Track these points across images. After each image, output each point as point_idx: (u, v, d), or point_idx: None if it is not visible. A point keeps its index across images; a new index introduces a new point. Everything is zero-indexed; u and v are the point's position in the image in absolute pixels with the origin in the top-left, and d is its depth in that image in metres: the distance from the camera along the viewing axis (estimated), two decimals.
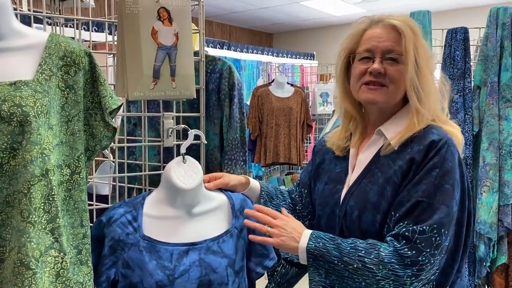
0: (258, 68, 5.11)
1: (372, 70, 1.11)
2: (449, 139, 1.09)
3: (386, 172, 1.11)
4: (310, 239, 1.10)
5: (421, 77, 1.10)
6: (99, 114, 1.09)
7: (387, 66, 1.11)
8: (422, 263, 1.02)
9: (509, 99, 2.24)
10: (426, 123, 1.12)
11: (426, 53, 1.13)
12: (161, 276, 1.10)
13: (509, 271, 2.29)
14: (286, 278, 1.35)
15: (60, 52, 1.02)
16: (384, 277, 1.02)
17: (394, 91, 1.13)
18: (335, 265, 1.06)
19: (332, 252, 1.07)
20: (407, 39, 1.09)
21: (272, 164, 4.10)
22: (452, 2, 6.48)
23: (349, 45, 1.20)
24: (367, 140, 1.22)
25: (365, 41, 1.15)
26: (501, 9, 2.27)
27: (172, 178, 1.17)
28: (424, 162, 1.06)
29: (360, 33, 1.18)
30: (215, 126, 1.74)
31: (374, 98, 1.13)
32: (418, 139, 1.10)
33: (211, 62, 1.72)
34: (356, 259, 1.04)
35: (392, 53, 1.11)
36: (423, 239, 1.02)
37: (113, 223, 1.14)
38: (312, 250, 1.08)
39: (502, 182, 2.22)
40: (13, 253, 0.90)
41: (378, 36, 1.13)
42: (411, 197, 1.05)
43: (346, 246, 1.07)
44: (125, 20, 1.28)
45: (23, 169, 0.91)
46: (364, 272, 1.03)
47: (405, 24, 1.12)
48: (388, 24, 1.13)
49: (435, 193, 1.04)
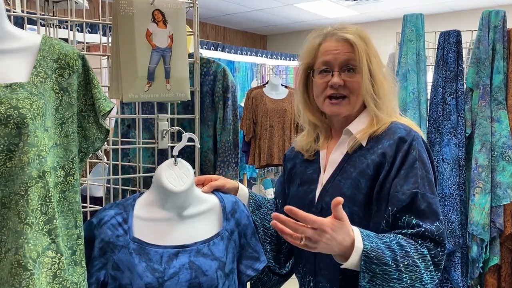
0: (252, 70, 5.11)
1: (332, 84, 1.19)
2: (415, 132, 1.17)
3: (359, 167, 1.16)
4: (363, 239, 1.00)
5: (376, 84, 1.18)
6: (92, 116, 1.09)
7: (345, 78, 1.19)
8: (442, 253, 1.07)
9: (501, 101, 2.26)
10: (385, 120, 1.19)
11: (378, 59, 1.21)
12: (150, 278, 1.10)
13: (502, 272, 2.31)
14: (267, 286, 1.37)
15: (54, 54, 1.02)
16: (425, 269, 1.03)
17: (355, 100, 1.21)
18: (388, 267, 0.99)
19: (386, 251, 1.00)
20: (360, 51, 1.17)
21: (266, 166, 4.11)
22: (444, 5, 6.53)
23: (307, 59, 1.27)
24: (334, 141, 1.27)
25: (321, 54, 1.22)
26: (493, 13, 2.30)
27: (163, 180, 1.17)
28: (400, 156, 1.12)
29: (316, 47, 1.24)
30: (209, 128, 1.74)
31: (338, 111, 1.21)
32: (386, 134, 1.17)
33: (205, 64, 1.73)
34: (405, 255, 1.02)
35: (349, 64, 1.19)
36: (440, 234, 1.07)
37: (104, 225, 1.14)
38: (369, 252, 0.98)
39: (494, 183, 2.24)
40: (10, 254, 0.90)
41: (334, 49, 1.20)
42: (404, 191, 1.09)
43: (392, 243, 1.02)
44: (120, 22, 1.28)
45: (20, 171, 0.91)
46: (413, 268, 1.02)
47: (356, 35, 1.19)
48: (341, 38, 1.20)
49: (423, 184, 1.10)
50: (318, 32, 1.26)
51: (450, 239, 2.29)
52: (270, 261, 1.33)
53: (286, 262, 1.38)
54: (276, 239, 1.35)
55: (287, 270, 1.39)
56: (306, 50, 1.27)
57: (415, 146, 1.13)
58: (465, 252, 2.33)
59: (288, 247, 1.36)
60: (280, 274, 1.37)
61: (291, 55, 6.45)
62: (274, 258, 1.34)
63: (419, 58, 2.48)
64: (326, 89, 1.20)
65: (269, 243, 1.34)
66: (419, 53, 2.48)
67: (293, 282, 1.39)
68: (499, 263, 2.28)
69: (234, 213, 1.24)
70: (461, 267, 2.33)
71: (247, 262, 1.25)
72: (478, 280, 2.36)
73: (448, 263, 2.33)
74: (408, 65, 2.45)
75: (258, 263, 1.26)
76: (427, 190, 1.09)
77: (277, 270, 1.35)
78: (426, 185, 1.10)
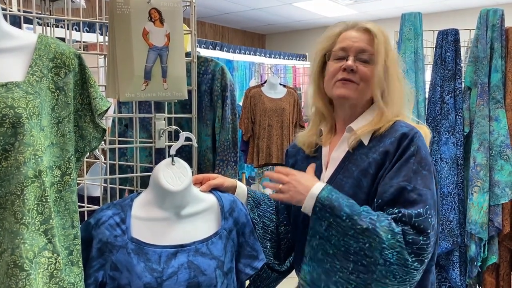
0: (250, 69, 5.11)
1: (346, 66, 1.19)
2: (417, 130, 1.17)
3: (361, 165, 1.16)
4: (323, 189, 1.10)
5: (388, 77, 1.19)
6: (88, 116, 1.09)
7: (359, 65, 1.20)
8: (424, 243, 1.04)
9: (499, 100, 2.26)
10: (390, 119, 1.19)
11: (395, 58, 1.23)
12: (149, 278, 1.10)
13: (500, 271, 2.31)
14: (266, 283, 1.36)
15: (50, 53, 1.02)
16: (390, 246, 1.02)
17: (364, 88, 1.20)
18: (341, 221, 1.05)
19: (343, 207, 1.06)
20: (379, 41, 1.19)
21: (264, 165, 4.11)
22: (443, 4, 6.53)
23: (325, 45, 1.27)
24: (337, 138, 1.27)
25: (340, 41, 1.24)
26: (491, 11, 2.30)
27: (160, 180, 1.17)
28: (399, 152, 1.12)
29: (336, 35, 1.26)
30: (207, 127, 1.74)
31: (346, 93, 1.20)
32: (389, 133, 1.17)
33: (203, 63, 1.72)
34: (367, 221, 1.04)
35: (365, 53, 1.20)
36: (421, 221, 1.04)
37: (101, 225, 1.13)
38: (323, 200, 1.08)
39: (493, 182, 2.24)
40: (6, 254, 0.90)
41: (353, 37, 1.22)
42: (392, 184, 1.09)
43: (359, 207, 1.07)
44: (116, 21, 1.27)
45: (15, 171, 0.91)
46: (372, 235, 1.02)
47: (378, 28, 1.22)
48: (362, 28, 1.22)
49: (416, 178, 1.09)
50: (341, 24, 1.28)
51: (448, 238, 2.29)
52: (270, 258, 1.33)
53: (285, 259, 1.38)
54: (275, 236, 1.35)
55: (287, 267, 1.39)
56: (326, 36, 1.28)
57: (415, 142, 1.13)
58: (463, 251, 2.34)
59: (288, 243, 1.36)
60: (280, 271, 1.36)
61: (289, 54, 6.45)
62: (274, 254, 1.34)
63: (417, 56, 2.48)
64: (338, 73, 1.21)
65: (269, 240, 1.34)
66: (417, 51, 2.48)
67: (293, 281, 1.39)
68: (498, 262, 2.28)
69: (232, 212, 1.24)
70: (459, 266, 2.33)
71: (245, 260, 1.25)
72: (476, 279, 2.36)
73: (447, 262, 2.33)
74: (406, 63, 2.45)
75: (256, 261, 1.25)
76: (419, 184, 1.08)
77: (276, 267, 1.35)
78: (419, 179, 1.09)
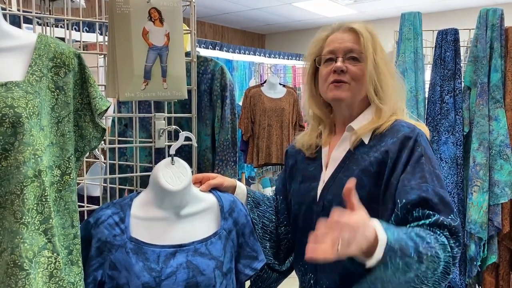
0: (250, 69, 5.11)
1: (335, 68, 1.19)
2: (419, 130, 1.17)
3: (361, 164, 1.16)
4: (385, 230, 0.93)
5: (379, 73, 1.19)
6: (88, 115, 1.09)
7: (348, 65, 1.20)
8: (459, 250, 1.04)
9: (498, 99, 2.26)
10: (388, 117, 1.19)
11: (384, 55, 1.23)
12: (147, 278, 1.10)
13: (499, 270, 2.32)
14: (267, 283, 1.36)
15: (50, 53, 1.02)
16: (444, 260, 1.00)
17: (356, 87, 1.20)
18: (410, 258, 0.93)
19: (408, 242, 0.94)
20: (365, 39, 1.19)
21: (264, 165, 4.11)
22: (442, 4, 6.53)
23: (314, 50, 1.29)
24: (337, 138, 1.26)
25: (327, 44, 1.25)
26: (490, 11, 2.30)
27: (160, 179, 1.17)
28: (406, 153, 1.11)
29: (323, 39, 1.27)
30: (207, 127, 1.74)
31: (340, 95, 1.20)
32: (390, 132, 1.16)
33: (203, 63, 1.72)
34: (426, 246, 0.96)
35: (353, 53, 1.20)
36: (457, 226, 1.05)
37: (101, 225, 1.13)
38: (393, 244, 0.91)
39: (492, 182, 2.24)
40: (6, 254, 0.90)
41: (339, 39, 1.23)
42: (411, 185, 1.07)
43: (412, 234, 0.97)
44: (116, 21, 1.27)
45: (15, 170, 0.91)
46: (434, 258, 0.96)
47: (363, 26, 1.22)
48: (348, 28, 1.23)
49: (432, 178, 1.09)
50: (327, 27, 1.29)
51: None
52: (270, 258, 1.32)
53: (285, 259, 1.38)
54: (275, 236, 1.35)
55: (287, 267, 1.39)
56: (313, 41, 1.29)
57: (420, 142, 1.12)
58: (463, 251, 2.33)
59: (288, 244, 1.36)
60: (280, 271, 1.36)
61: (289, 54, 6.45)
62: (273, 255, 1.34)
63: (417, 56, 2.48)
64: (329, 76, 1.22)
65: (268, 240, 1.34)
66: (417, 51, 2.48)
67: (293, 280, 1.39)
68: (497, 262, 2.29)
69: (232, 212, 1.24)
70: (459, 266, 2.33)
71: (245, 261, 1.25)
72: (476, 278, 2.36)
73: None
74: (406, 63, 2.45)
75: (256, 262, 1.25)
76: (436, 184, 1.08)
77: (276, 267, 1.35)
78: (435, 179, 1.08)
